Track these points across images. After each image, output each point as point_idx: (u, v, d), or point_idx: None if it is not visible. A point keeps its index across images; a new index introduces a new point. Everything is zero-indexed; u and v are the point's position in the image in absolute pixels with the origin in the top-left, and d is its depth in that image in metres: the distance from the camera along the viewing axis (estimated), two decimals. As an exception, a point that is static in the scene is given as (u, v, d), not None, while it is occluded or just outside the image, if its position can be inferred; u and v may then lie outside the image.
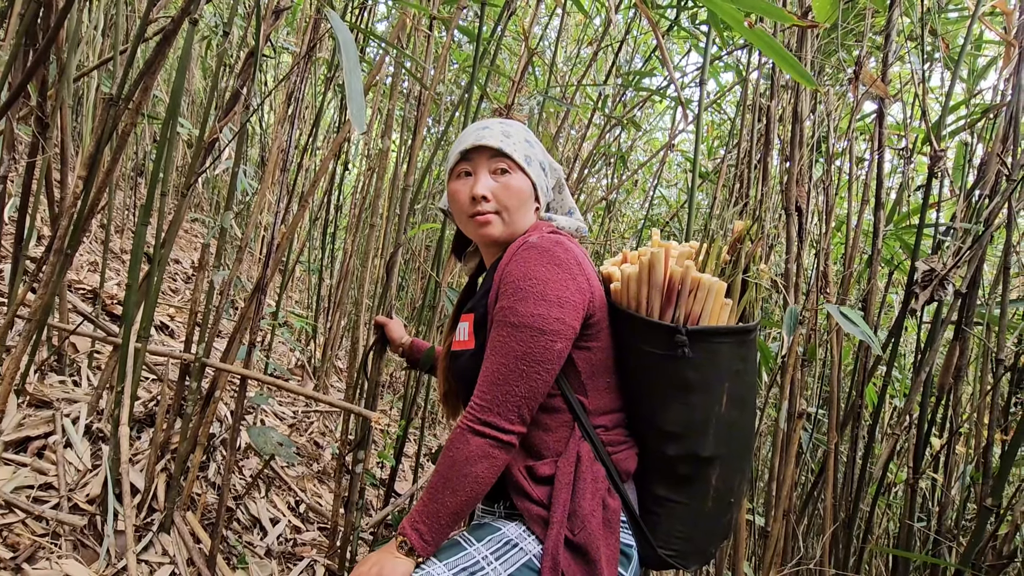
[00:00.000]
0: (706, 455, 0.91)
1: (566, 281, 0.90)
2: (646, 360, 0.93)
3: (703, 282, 0.90)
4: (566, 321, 0.89)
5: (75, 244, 1.42)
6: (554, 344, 0.88)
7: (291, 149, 1.51)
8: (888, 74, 1.69)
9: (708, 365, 0.90)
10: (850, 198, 2.02)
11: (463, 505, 0.88)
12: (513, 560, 0.89)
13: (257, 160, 4.12)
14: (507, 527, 0.93)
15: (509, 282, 0.90)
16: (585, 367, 0.94)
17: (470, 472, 0.87)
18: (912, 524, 1.42)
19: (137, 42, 1.39)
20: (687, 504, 0.94)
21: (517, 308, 0.88)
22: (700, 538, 0.95)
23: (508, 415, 0.88)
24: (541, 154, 1.06)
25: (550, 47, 3.25)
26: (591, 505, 0.90)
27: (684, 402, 0.91)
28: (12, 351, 1.47)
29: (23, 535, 1.22)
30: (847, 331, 1.15)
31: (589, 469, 0.91)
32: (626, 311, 0.95)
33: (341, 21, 1.01)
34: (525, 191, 1.00)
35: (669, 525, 0.95)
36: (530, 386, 0.88)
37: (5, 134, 1.58)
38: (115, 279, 2.57)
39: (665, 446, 0.93)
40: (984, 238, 1.34)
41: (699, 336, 0.89)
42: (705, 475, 0.93)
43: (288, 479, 2.10)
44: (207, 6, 2.83)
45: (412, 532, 0.88)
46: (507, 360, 0.88)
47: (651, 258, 0.91)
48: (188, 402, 1.49)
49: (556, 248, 0.92)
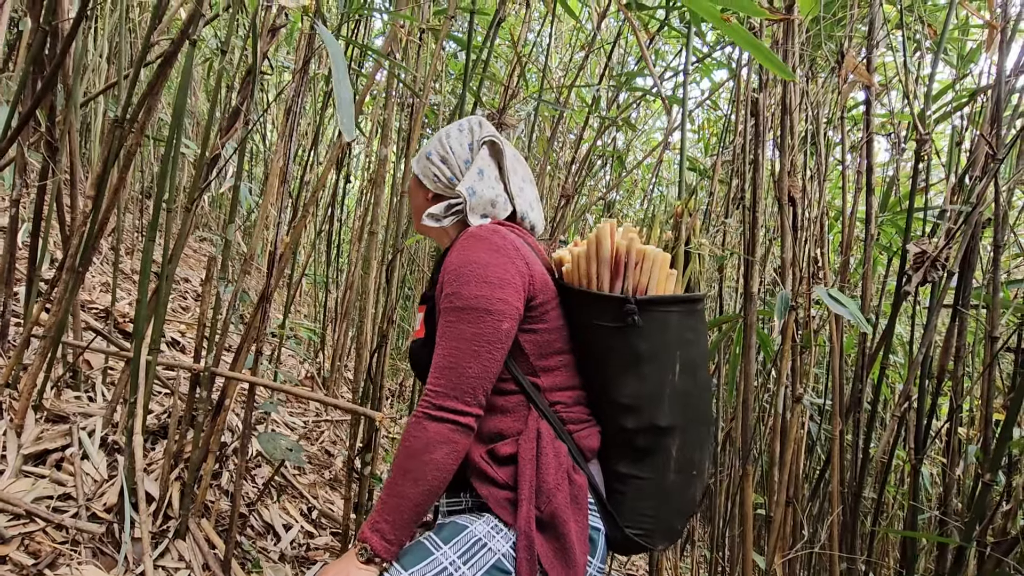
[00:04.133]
0: (664, 424, 0.93)
1: (505, 264, 0.93)
2: (599, 334, 0.96)
3: (648, 253, 0.94)
4: (509, 301, 0.91)
5: (86, 262, 1.47)
6: (500, 323, 0.90)
7: (290, 162, 1.55)
8: (874, 62, 1.71)
9: (658, 335, 0.93)
10: (844, 186, 2.03)
11: (425, 496, 0.86)
12: (482, 562, 0.87)
13: (261, 177, 4.19)
14: (474, 525, 0.91)
15: (451, 270, 0.93)
16: (533, 349, 0.96)
17: (430, 459, 0.86)
18: (916, 506, 1.43)
19: (140, 65, 1.44)
20: (650, 479, 0.95)
21: (460, 292, 0.91)
22: (666, 515, 0.96)
23: (463, 397, 0.89)
24: (435, 144, 1.08)
25: (543, 52, 3.29)
26: (555, 479, 0.90)
27: (637, 373, 0.93)
28: (29, 368, 1.52)
29: (44, 543, 1.26)
30: (836, 312, 1.17)
31: (551, 445, 0.92)
32: (577, 288, 0.98)
33: (330, 35, 1.05)
34: (411, 186, 1.13)
35: (635, 503, 0.96)
36: (482, 366, 0.89)
37: (17, 159, 1.64)
38: (126, 298, 2.63)
39: (623, 419, 0.95)
40: (973, 217, 1.35)
41: (647, 305, 0.93)
42: (665, 446, 0.94)
43: (300, 486, 2.14)
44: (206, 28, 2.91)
45: (372, 535, 0.86)
46: (457, 343, 0.90)
47: (597, 233, 0.96)
48: (199, 412, 1.53)
49: (493, 236, 0.96)
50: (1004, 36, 1.54)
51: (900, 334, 2.54)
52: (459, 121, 1.10)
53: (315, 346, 3.46)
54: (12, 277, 1.72)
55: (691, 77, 2.74)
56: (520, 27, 2.91)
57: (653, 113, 4.09)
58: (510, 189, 1.05)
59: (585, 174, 3.07)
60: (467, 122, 1.09)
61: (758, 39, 1.72)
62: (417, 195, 1.11)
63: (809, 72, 1.98)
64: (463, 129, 1.08)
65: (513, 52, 2.55)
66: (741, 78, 2.31)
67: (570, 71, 3.34)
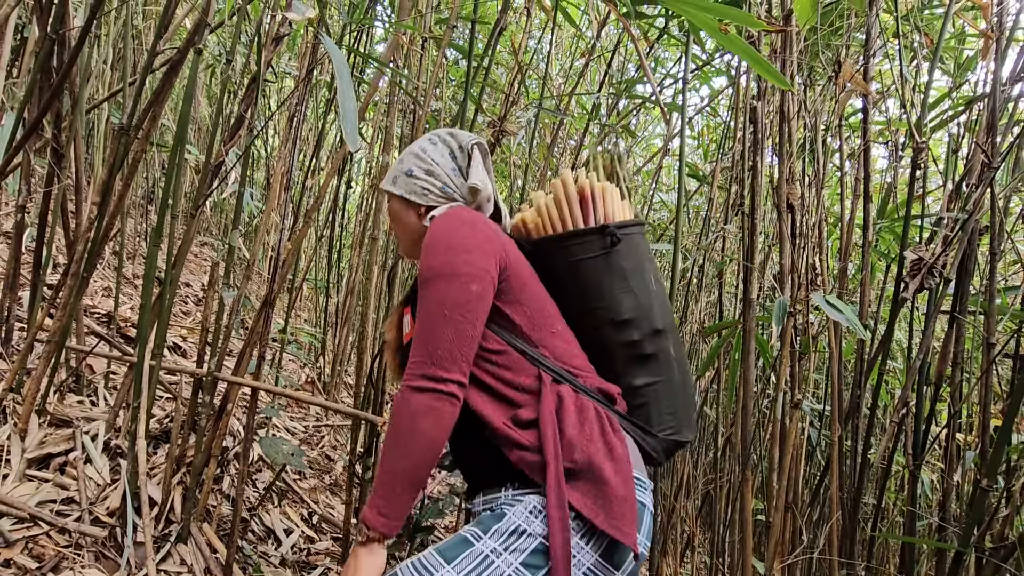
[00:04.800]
0: (659, 327, 1.06)
1: (471, 232, 0.95)
2: (588, 268, 1.05)
3: (606, 187, 1.10)
4: (476, 264, 0.92)
5: (90, 268, 1.48)
6: (469, 285, 0.91)
7: (293, 169, 1.57)
8: (872, 71, 1.73)
9: (634, 252, 1.07)
10: (843, 193, 2.05)
11: (417, 468, 0.88)
12: (522, 548, 0.87)
13: (264, 184, 4.22)
14: (512, 511, 0.91)
15: (423, 249, 0.95)
16: (524, 320, 0.98)
17: (417, 429, 0.87)
18: (914, 511, 1.43)
19: (145, 73, 1.46)
20: (662, 379, 1.06)
21: (429, 263, 0.93)
22: (684, 408, 1.07)
23: (441, 363, 0.89)
24: (413, 161, 1.09)
25: (544, 60, 3.32)
26: (583, 433, 0.92)
27: (627, 289, 1.05)
28: (33, 373, 1.53)
29: (47, 546, 1.27)
30: (832, 318, 1.18)
31: (573, 403, 0.95)
32: (555, 236, 1.07)
33: (334, 45, 1.07)
34: (394, 209, 1.11)
35: (657, 406, 1.05)
36: (456, 329, 0.90)
37: (23, 166, 1.66)
38: (129, 303, 2.64)
39: (630, 333, 1.05)
40: (969, 224, 1.37)
41: (621, 228, 1.06)
42: (664, 347, 1.07)
43: (301, 491, 2.14)
44: (211, 36, 2.94)
45: (372, 515, 0.88)
46: (429, 312, 0.91)
47: (562, 178, 1.08)
48: (201, 416, 1.54)
49: (460, 211, 0.99)
50: (999, 46, 1.56)
51: (900, 340, 2.55)
52: (425, 137, 1.12)
53: (316, 351, 3.47)
54: (17, 282, 1.73)
55: (690, 84, 2.76)
56: (521, 35, 2.94)
57: (653, 119, 4.12)
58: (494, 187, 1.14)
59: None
60: (435, 136, 1.11)
61: (756, 48, 1.74)
62: (408, 215, 1.09)
63: (808, 80, 2.00)
64: (436, 142, 1.10)
65: (514, 60, 2.58)
66: (740, 85, 2.33)
67: (570, 78, 3.37)
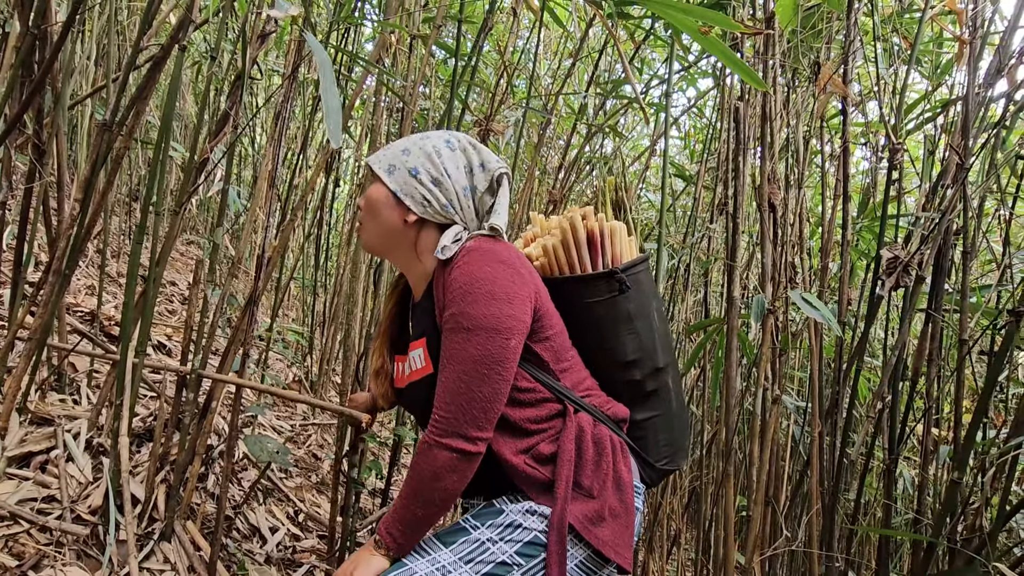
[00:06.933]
0: (661, 365, 1.09)
1: (512, 276, 0.91)
2: (594, 311, 1.06)
3: (615, 227, 1.08)
4: (518, 317, 0.90)
5: (72, 265, 1.47)
6: (509, 342, 0.89)
7: (278, 166, 1.57)
8: (852, 74, 1.76)
9: (638, 294, 1.08)
10: (824, 193, 2.08)
11: (435, 515, 0.92)
12: (518, 538, 0.92)
13: (249, 181, 4.19)
14: (509, 508, 0.95)
15: (455, 288, 0.89)
16: (550, 356, 0.98)
17: (439, 486, 0.89)
18: (891, 504, 1.46)
19: (129, 69, 1.45)
20: (661, 414, 1.09)
21: (468, 312, 0.88)
22: (678, 438, 1.11)
23: (476, 422, 0.88)
24: (422, 161, 0.97)
25: (531, 59, 3.34)
26: (596, 471, 0.96)
27: (632, 331, 1.06)
28: (13, 371, 1.52)
29: (28, 545, 1.26)
30: (809, 315, 1.20)
31: (591, 434, 0.97)
32: (562, 278, 1.07)
33: (317, 42, 1.07)
34: (376, 198, 0.99)
35: (655, 438, 1.09)
36: (493, 388, 0.88)
37: (4, 162, 1.64)
38: (112, 301, 2.62)
39: (633, 373, 1.07)
40: (943, 224, 1.40)
41: (627, 271, 1.07)
42: (664, 382, 1.10)
43: (287, 490, 2.14)
44: (196, 33, 2.92)
45: (387, 535, 0.93)
46: (465, 366, 0.88)
47: (571, 222, 1.06)
48: (185, 415, 1.54)
49: (496, 247, 0.94)
50: (973, 51, 1.60)
51: (882, 338, 2.60)
52: (444, 135, 1.00)
53: (303, 350, 3.45)
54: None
55: (677, 85, 2.79)
56: (507, 35, 2.95)
57: (641, 120, 4.15)
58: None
59: (573, 179, 3.11)
60: (455, 140, 1.00)
61: (740, 51, 1.77)
62: (391, 212, 0.98)
63: (791, 81, 2.03)
64: (454, 148, 0.99)
65: (501, 60, 2.59)
66: (725, 86, 2.36)
67: (558, 78, 3.39)
